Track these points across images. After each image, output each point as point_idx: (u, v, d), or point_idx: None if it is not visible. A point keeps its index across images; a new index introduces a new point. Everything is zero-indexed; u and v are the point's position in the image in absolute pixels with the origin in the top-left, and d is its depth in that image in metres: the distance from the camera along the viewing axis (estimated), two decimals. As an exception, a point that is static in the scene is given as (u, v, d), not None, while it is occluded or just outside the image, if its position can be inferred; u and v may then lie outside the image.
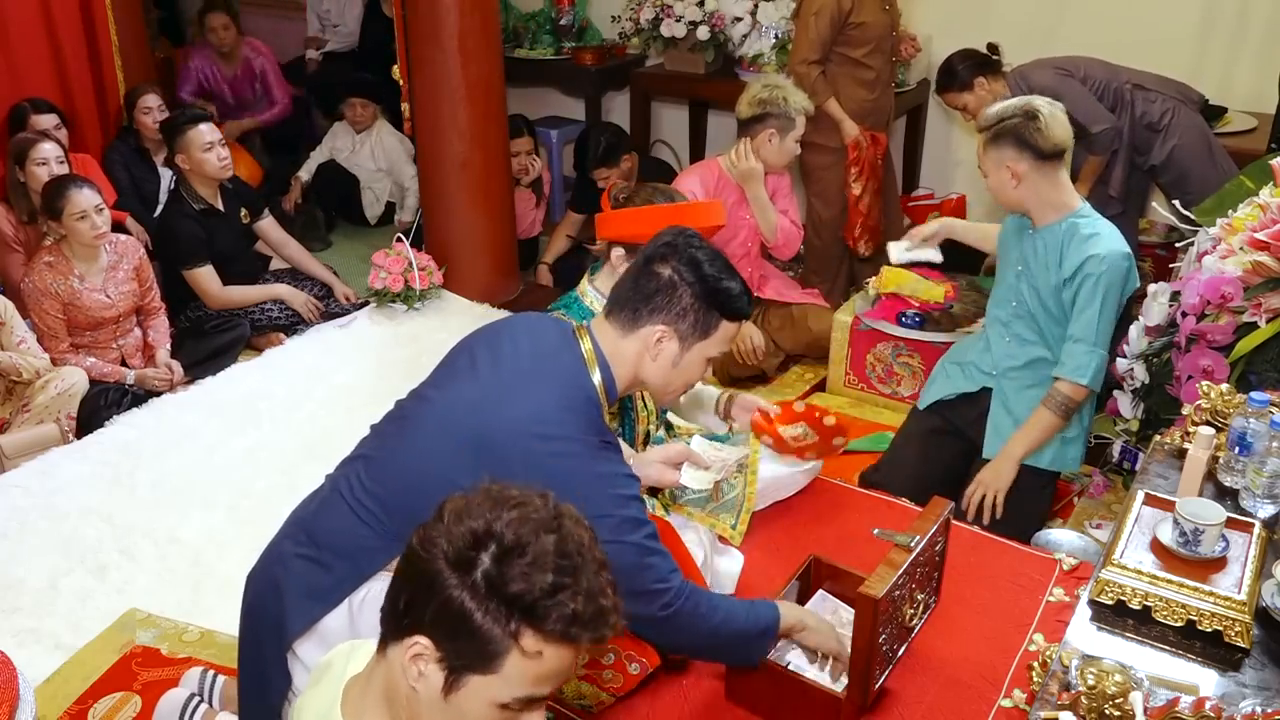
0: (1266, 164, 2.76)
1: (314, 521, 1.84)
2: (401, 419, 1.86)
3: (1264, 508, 1.87)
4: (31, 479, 3.02)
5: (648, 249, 1.86)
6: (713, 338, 1.83)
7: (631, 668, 1.95)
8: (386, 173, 5.04)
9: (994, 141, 2.56)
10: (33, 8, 4.04)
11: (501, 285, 4.34)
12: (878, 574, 1.80)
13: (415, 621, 1.14)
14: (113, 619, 2.56)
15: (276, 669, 1.79)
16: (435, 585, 1.12)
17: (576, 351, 1.81)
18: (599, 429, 1.76)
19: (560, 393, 1.75)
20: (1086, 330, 2.55)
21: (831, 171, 3.96)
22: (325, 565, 1.78)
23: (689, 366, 1.85)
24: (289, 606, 1.77)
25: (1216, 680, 1.56)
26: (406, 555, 1.18)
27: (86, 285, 3.45)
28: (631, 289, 1.83)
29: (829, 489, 2.69)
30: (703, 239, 1.87)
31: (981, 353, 2.83)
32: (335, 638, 1.75)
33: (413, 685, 1.16)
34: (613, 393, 1.82)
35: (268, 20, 6.07)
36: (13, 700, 1.62)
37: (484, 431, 1.70)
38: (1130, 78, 3.49)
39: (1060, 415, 2.61)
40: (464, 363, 1.85)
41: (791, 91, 3.46)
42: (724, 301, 1.81)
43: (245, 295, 3.97)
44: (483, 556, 1.12)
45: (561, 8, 5.15)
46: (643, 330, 1.81)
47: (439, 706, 1.15)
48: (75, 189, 3.34)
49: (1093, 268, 2.52)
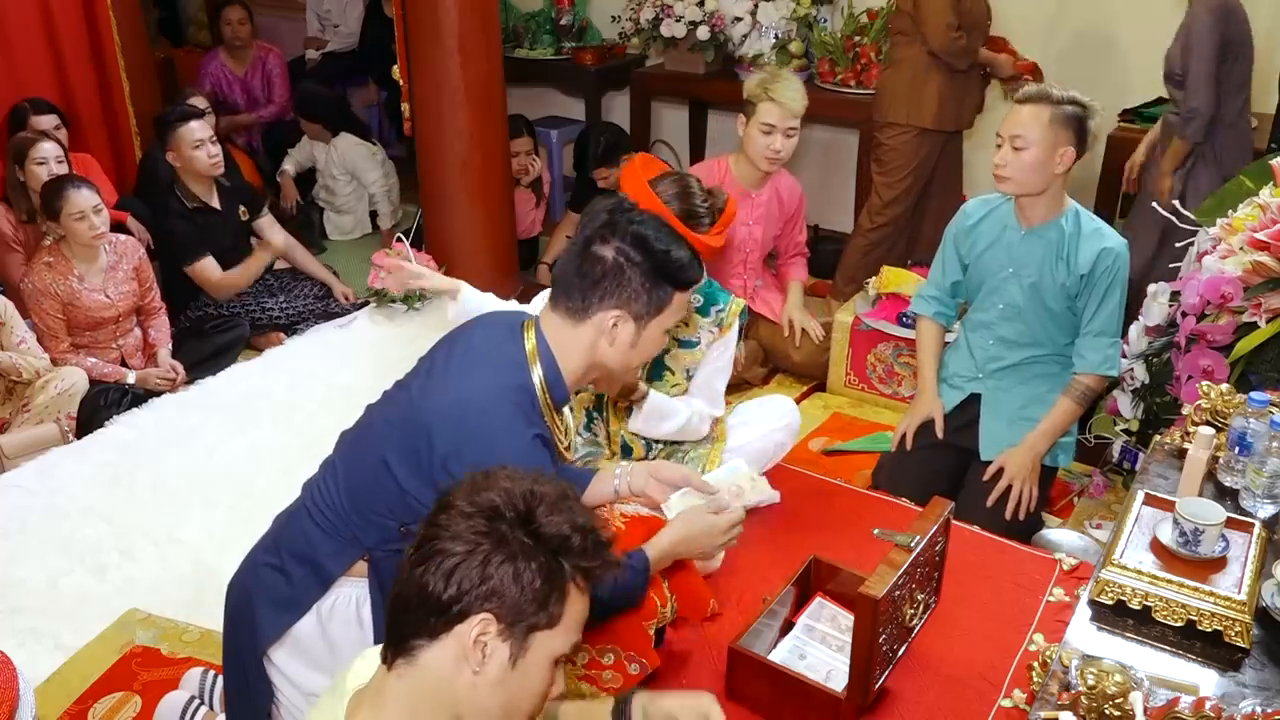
0: (1266, 164, 2.76)
1: (281, 531, 1.85)
2: (363, 423, 1.87)
3: (1264, 508, 1.87)
4: (31, 479, 3.01)
5: (585, 229, 1.80)
6: (667, 310, 1.81)
7: (631, 668, 1.94)
8: (352, 177, 5.03)
9: (1061, 121, 2.49)
10: (33, 8, 4.04)
11: (501, 285, 4.33)
12: (878, 574, 1.80)
13: (466, 608, 1.16)
14: (113, 619, 2.56)
15: (256, 676, 1.80)
16: (484, 564, 1.16)
17: (519, 345, 1.77)
18: (531, 420, 1.71)
19: (493, 380, 1.72)
20: (1108, 324, 2.59)
21: (902, 152, 3.83)
22: (286, 573, 1.78)
23: (647, 342, 1.82)
24: (259, 616, 1.78)
25: (1216, 680, 1.56)
26: (420, 558, 1.19)
27: (86, 285, 3.45)
28: (576, 275, 1.77)
29: (829, 489, 2.69)
30: (640, 209, 1.83)
31: (963, 361, 2.83)
32: (308, 644, 1.77)
33: (475, 671, 1.17)
34: (558, 389, 1.78)
35: (268, 20, 6.07)
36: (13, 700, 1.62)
37: (413, 418, 1.70)
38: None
39: (1083, 405, 2.66)
40: (424, 363, 1.85)
41: (764, 78, 3.38)
42: (674, 273, 1.78)
43: (245, 272, 3.99)
44: (509, 522, 1.18)
45: (561, 8, 5.15)
46: (595, 318, 1.76)
47: (502, 683, 1.19)
48: (73, 189, 3.34)
49: (1108, 261, 2.54)
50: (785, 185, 3.61)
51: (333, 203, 5.09)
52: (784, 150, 3.39)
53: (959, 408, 2.81)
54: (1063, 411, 2.65)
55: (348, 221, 5.13)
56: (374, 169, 4.99)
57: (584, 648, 1.91)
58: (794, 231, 3.70)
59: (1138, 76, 4.01)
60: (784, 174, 3.60)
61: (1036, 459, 2.66)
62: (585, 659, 1.92)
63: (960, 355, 2.85)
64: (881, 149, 3.90)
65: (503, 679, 1.18)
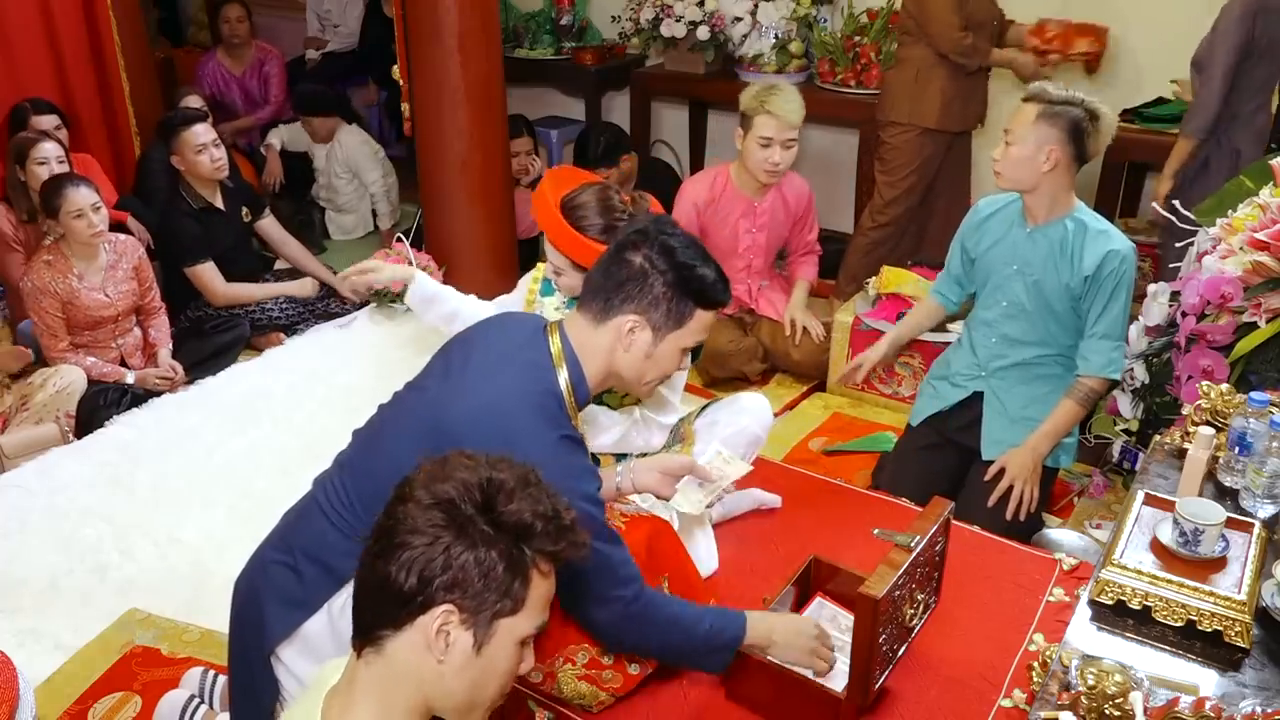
0: (1266, 164, 2.75)
1: (292, 528, 1.84)
2: (376, 423, 1.87)
3: (1264, 508, 1.87)
4: (31, 479, 3.01)
5: (620, 236, 1.82)
6: (687, 327, 1.79)
7: (631, 668, 1.94)
8: (354, 175, 5.02)
9: (1049, 119, 2.50)
10: (33, 8, 4.04)
11: (501, 285, 4.30)
12: (878, 574, 1.80)
13: (428, 599, 1.17)
14: (113, 619, 2.56)
15: (262, 674, 1.79)
16: (445, 555, 1.17)
17: (543, 349, 1.78)
18: (558, 423, 1.71)
19: (518, 386, 1.72)
20: (1112, 326, 2.59)
21: (904, 152, 3.84)
22: (298, 571, 1.78)
23: (663, 357, 1.81)
24: (268, 614, 1.77)
25: (1216, 680, 1.56)
26: (381, 549, 1.20)
27: (85, 284, 3.45)
28: (603, 277, 1.78)
29: (829, 489, 2.69)
30: (677, 225, 1.83)
31: (965, 359, 2.83)
32: (317, 642, 1.76)
33: (439, 660, 1.19)
34: (582, 391, 1.79)
35: (268, 20, 6.08)
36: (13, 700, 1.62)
37: (437, 424, 1.69)
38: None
39: (1086, 406, 2.65)
40: (438, 364, 1.85)
41: (760, 91, 3.36)
42: (698, 289, 1.77)
43: (250, 293, 3.98)
44: (469, 511, 1.19)
45: (561, 8, 5.15)
46: (614, 320, 1.77)
47: (466, 669, 1.20)
48: (72, 187, 3.34)
49: (1114, 264, 2.54)
50: (792, 188, 3.60)
51: (334, 201, 5.08)
52: (783, 162, 3.39)
53: (961, 406, 2.81)
54: (1065, 412, 2.65)
55: (350, 221, 5.13)
56: (374, 168, 4.99)
57: (584, 648, 1.91)
58: (804, 231, 3.69)
59: (1138, 77, 4.02)
60: (790, 175, 3.60)
61: (1038, 460, 2.66)
62: (585, 659, 1.92)
63: (963, 353, 2.85)
64: (884, 148, 3.90)
65: (467, 665, 1.21)
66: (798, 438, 3.41)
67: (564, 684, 1.91)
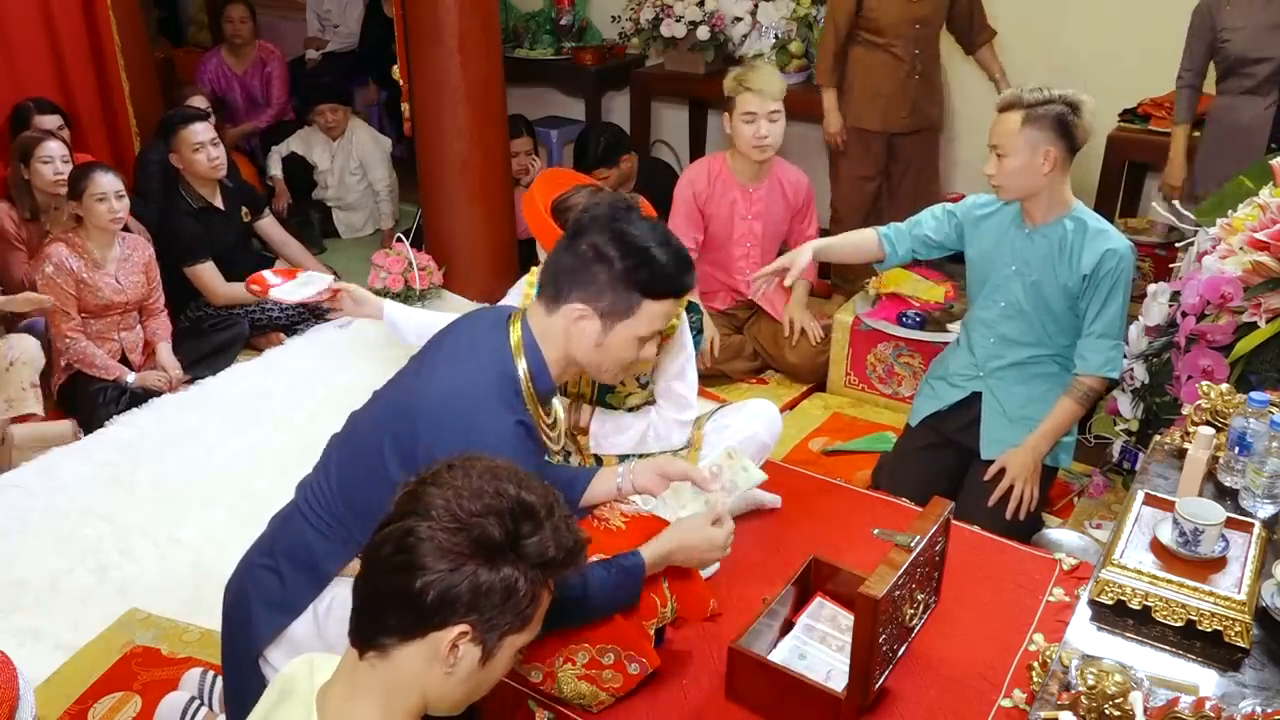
0: (1266, 164, 2.76)
1: (276, 532, 1.86)
2: (351, 424, 1.88)
3: (1264, 508, 1.87)
4: (32, 479, 3.02)
5: (575, 221, 1.80)
6: (637, 317, 1.75)
7: (631, 668, 1.94)
8: (365, 174, 5.02)
9: (1034, 122, 2.49)
10: (33, 8, 4.04)
11: (501, 285, 4.30)
12: (878, 574, 1.80)
13: (446, 619, 1.19)
14: (113, 619, 2.56)
15: (252, 676, 1.80)
16: (471, 580, 1.19)
17: (504, 337, 1.77)
18: (513, 408, 1.70)
19: (475, 369, 1.72)
20: (1110, 326, 2.58)
21: (848, 168, 3.96)
22: (281, 575, 1.79)
23: (615, 346, 1.77)
24: (255, 617, 1.79)
25: (1216, 680, 1.55)
26: (404, 564, 1.19)
27: (100, 270, 3.50)
28: (554, 264, 1.77)
29: (829, 489, 2.69)
30: (637, 209, 1.81)
31: (963, 359, 2.83)
32: (305, 644, 1.76)
33: (446, 672, 1.22)
34: (543, 380, 1.78)
35: (268, 20, 6.08)
36: (13, 700, 1.62)
37: (406, 411, 1.71)
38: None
39: (1085, 405, 2.65)
40: (413, 363, 1.86)
41: (738, 73, 3.40)
42: (647, 279, 1.72)
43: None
44: (500, 536, 1.21)
45: (561, 8, 5.15)
46: (563, 308, 1.75)
47: (470, 678, 1.25)
48: (100, 171, 3.44)
49: (1112, 263, 2.54)
50: (790, 179, 3.60)
51: (344, 199, 5.07)
52: (771, 135, 3.39)
53: (960, 406, 2.81)
54: (1064, 412, 2.65)
55: (359, 218, 5.12)
56: (382, 165, 4.99)
57: (584, 647, 1.91)
58: (803, 225, 3.69)
59: (1138, 77, 4.01)
60: (789, 167, 3.60)
61: (1038, 460, 2.66)
62: (585, 659, 1.91)
63: (961, 353, 2.85)
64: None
65: (471, 675, 1.25)
66: (798, 438, 3.41)
67: (564, 684, 1.91)
